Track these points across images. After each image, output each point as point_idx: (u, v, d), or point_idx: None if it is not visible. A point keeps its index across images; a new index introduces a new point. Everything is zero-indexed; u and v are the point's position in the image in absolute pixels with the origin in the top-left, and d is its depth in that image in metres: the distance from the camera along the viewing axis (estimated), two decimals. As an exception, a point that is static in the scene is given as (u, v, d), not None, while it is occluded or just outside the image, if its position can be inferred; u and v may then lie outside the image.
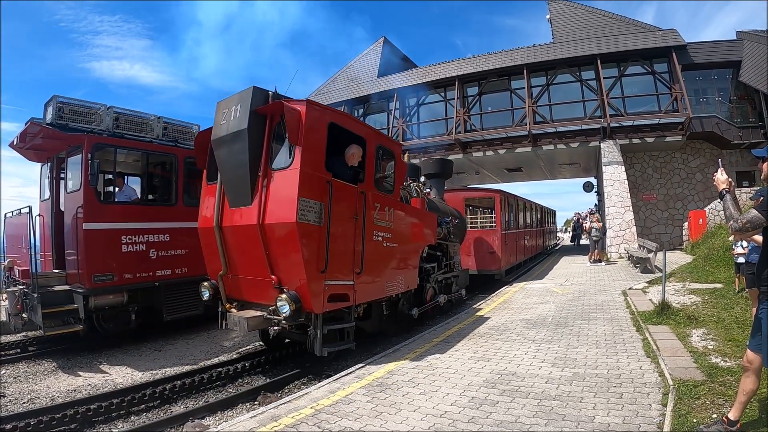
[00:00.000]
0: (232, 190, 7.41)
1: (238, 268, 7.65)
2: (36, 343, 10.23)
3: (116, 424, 6.41)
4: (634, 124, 23.66)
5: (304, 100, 7.02)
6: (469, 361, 6.95)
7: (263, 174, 7.01)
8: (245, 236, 7.18)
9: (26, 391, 7.58)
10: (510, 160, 28.25)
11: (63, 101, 9.19)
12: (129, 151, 10.34)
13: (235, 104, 7.15)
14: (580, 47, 24.18)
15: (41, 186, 11.47)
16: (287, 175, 6.75)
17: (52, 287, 9.43)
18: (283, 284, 6.92)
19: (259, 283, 7.34)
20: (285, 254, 6.81)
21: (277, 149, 7.28)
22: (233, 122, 7.11)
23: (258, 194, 6.98)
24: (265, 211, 6.85)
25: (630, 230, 22.80)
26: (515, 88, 25.91)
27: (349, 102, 30.44)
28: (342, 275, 7.29)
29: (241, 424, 4.99)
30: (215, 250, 7.78)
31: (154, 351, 9.92)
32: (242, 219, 7.22)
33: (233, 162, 7.27)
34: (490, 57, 26.23)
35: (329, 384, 6.22)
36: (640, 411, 4.82)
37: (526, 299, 12.35)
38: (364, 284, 7.81)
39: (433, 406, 5.25)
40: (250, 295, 7.66)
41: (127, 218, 9.71)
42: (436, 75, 27.36)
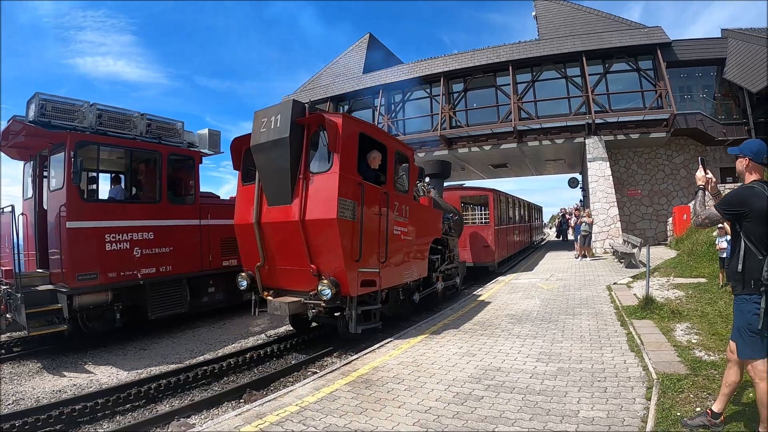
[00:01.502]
0: (272, 191, 8.52)
1: (276, 260, 8.82)
2: (20, 344, 10.11)
3: (102, 424, 6.36)
4: (618, 121, 23.76)
5: (340, 113, 8.71)
6: (454, 357, 6.97)
7: (303, 177, 8.10)
8: (285, 231, 8.30)
9: (11, 393, 7.51)
10: (495, 156, 28.35)
11: (45, 98, 9.07)
12: (112, 148, 10.26)
13: (275, 114, 8.17)
14: (566, 44, 24.26)
15: (24, 184, 11.35)
16: (327, 177, 7.89)
17: (36, 287, 9.31)
18: (321, 272, 8.06)
19: (296, 272, 8.53)
20: (325, 246, 7.93)
21: (312, 155, 8.38)
22: (274, 131, 8.12)
23: (299, 194, 8.08)
24: (306, 209, 7.95)
25: (615, 226, 22.97)
26: (501, 85, 25.98)
27: (335, 98, 30.41)
28: (371, 264, 8.52)
29: (227, 423, 4.97)
30: (253, 244, 8.92)
31: (140, 350, 9.85)
32: (282, 216, 8.34)
33: (274, 166, 8.33)
34: (475, 53, 26.28)
35: (314, 381, 6.21)
36: (624, 405, 4.84)
37: (512, 294, 12.39)
38: (388, 272, 9.07)
39: (418, 402, 5.25)
40: (286, 283, 8.85)
41: (110, 216, 9.62)
42: (422, 71, 27.31)
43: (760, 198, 3.84)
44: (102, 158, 10.30)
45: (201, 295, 11.66)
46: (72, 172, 8.87)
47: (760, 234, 3.83)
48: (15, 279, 8.83)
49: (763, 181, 4.00)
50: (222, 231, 11.99)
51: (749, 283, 3.88)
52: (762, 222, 3.80)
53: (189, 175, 11.55)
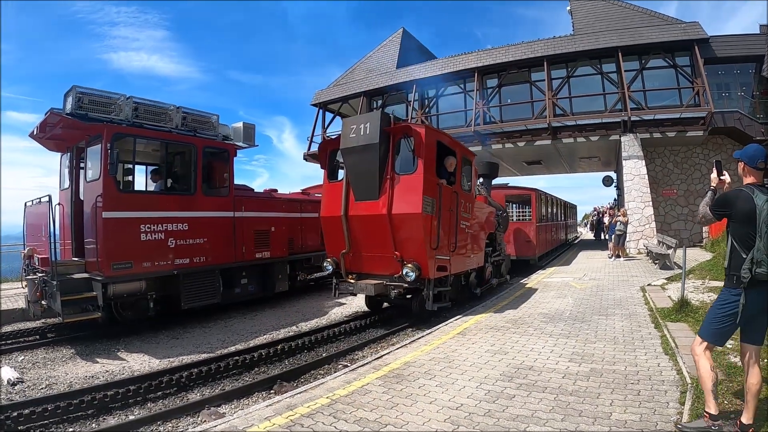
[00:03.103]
0: (360, 188, 10.08)
1: (361, 247, 10.37)
2: (54, 330, 10.31)
3: (133, 410, 6.44)
4: (655, 118, 23.24)
5: (423, 124, 10.76)
6: (485, 354, 6.92)
7: (390, 177, 9.69)
8: (372, 222, 9.87)
9: (44, 377, 7.66)
10: (529, 152, 28.01)
11: (82, 91, 9.20)
12: (148, 140, 10.40)
13: (364, 123, 9.76)
14: (601, 39, 23.74)
15: (61, 175, 11.56)
16: (413, 178, 9.49)
17: (72, 275, 9.49)
18: (404, 258, 9.63)
19: (380, 258, 10.14)
20: (409, 236, 9.51)
21: (395, 158, 9.84)
22: (363, 136, 9.67)
23: (385, 191, 9.68)
24: (393, 204, 9.54)
25: (649, 226, 22.59)
26: (535, 80, 25.60)
27: (368, 93, 30.38)
28: (444, 252, 10.13)
29: (257, 413, 5.00)
30: (340, 234, 10.41)
31: (172, 339, 9.99)
32: (370, 209, 9.90)
33: (363, 167, 9.91)
34: (510, 48, 25.87)
35: (345, 374, 6.23)
36: (657, 409, 4.77)
37: (544, 293, 12.31)
38: (456, 259, 10.73)
39: (449, 399, 5.23)
40: (369, 268, 10.45)
41: (145, 207, 9.77)
42: (456, 66, 27.02)
43: (744, 201, 4.05)
44: (138, 150, 10.44)
45: (233, 286, 11.77)
46: (108, 163, 9.02)
47: (742, 234, 4.06)
48: (51, 267, 8.99)
49: (755, 185, 4.16)
50: (255, 223, 12.15)
51: (732, 278, 4.11)
52: (744, 223, 4.04)
53: (224, 167, 11.64)
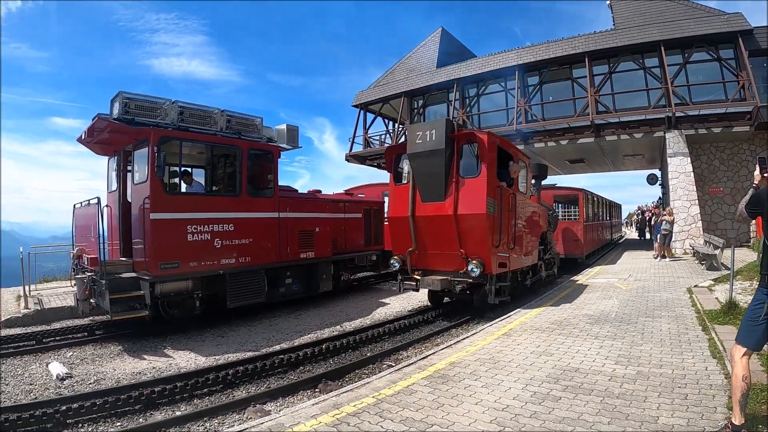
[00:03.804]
0: (426, 190, 10.85)
1: (427, 246, 11.09)
2: (102, 327, 10.57)
3: (180, 406, 6.55)
4: (699, 114, 22.57)
5: (485, 130, 11.12)
6: (531, 356, 6.87)
7: (455, 180, 10.44)
8: (439, 222, 10.61)
9: (92, 373, 7.85)
10: (572, 151, 27.63)
11: (129, 97, 9.41)
12: (194, 143, 10.60)
13: (430, 129, 10.52)
14: (643, 33, 23.13)
15: (108, 178, 11.85)
16: (477, 181, 10.22)
17: (120, 274, 9.73)
18: (468, 255, 10.31)
19: (445, 255, 10.83)
20: (474, 234, 10.22)
21: (459, 162, 10.57)
22: (430, 142, 10.44)
23: (451, 193, 10.42)
24: (459, 205, 10.29)
25: (696, 225, 22.06)
26: (577, 77, 25.20)
27: (409, 93, 30.37)
28: (505, 249, 10.81)
29: (303, 411, 5.05)
30: (407, 233, 11.15)
31: (217, 337, 10.14)
32: (436, 210, 10.66)
33: (429, 170, 10.68)
34: (550, 45, 25.50)
35: (391, 374, 6.25)
36: (705, 414, 4.68)
37: (589, 294, 12.15)
38: (514, 257, 11.43)
39: (495, 400, 5.20)
40: (435, 265, 11.16)
41: (192, 208, 9.95)
42: (496, 64, 26.75)
43: None
44: (184, 153, 10.63)
45: (278, 285, 11.90)
46: (155, 166, 9.24)
47: None
48: (100, 267, 9.23)
49: None
50: (300, 224, 12.30)
51: (764, 278, 4.05)
52: None
53: (268, 169, 11.76)
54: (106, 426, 5.96)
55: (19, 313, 11.43)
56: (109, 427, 5.94)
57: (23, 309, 11.81)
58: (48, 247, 16.84)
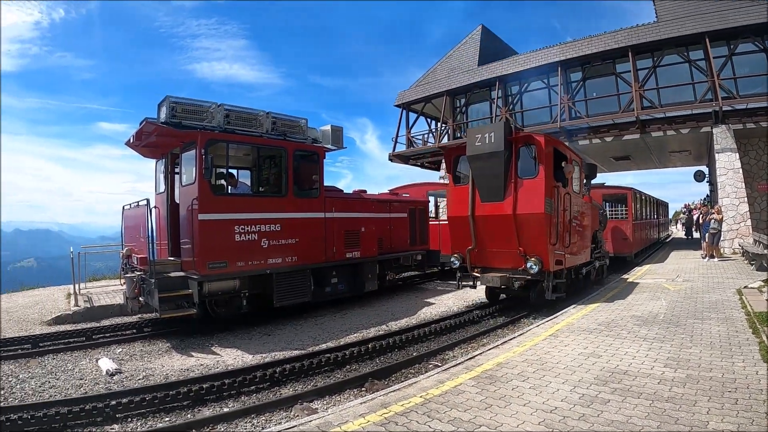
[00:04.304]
0: (485, 191, 11.26)
1: (486, 244, 11.54)
2: (150, 325, 10.80)
3: (227, 403, 6.65)
4: (747, 108, 21.78)
5: (542, 133, 11.53)
6: (579, 357, 6.78)
7: (514, 181, 10.86)
8: (498, 221, 11.03)
9: (141, 369, 8.05)
10: (617, 148, 27.19)
11: (175, 101, 9.62)
12: (240, 145, 10.75)
13: (488, 132, 10.91)
14: (686, 25, 22.35)
15: (156, 180, 12.17)
16: (535, 182, 10.63)
17: (168, 273, 9.94)
18: (527, 253, 10.71)
19: (504, 253, 11.27)
20: (532, 233, 10.64)
21: (517, 163, 10.98)
22: (489, 145, 10.83)
23: (510, 193, 10.84)
24: (518, 205, 10.71)
25: (745, 224, 21.41)
26: (620, 72, 24.69)
27: (451, 92, 30.25)
28: (561, 247, 11.16)
29: (351, 410, 5.08)
30: (467, 232, 11.62)
31: (264, 335, 10.26)
32: (496, 210, 11.08)
33: (489, 171, 11.09)
34: (592, 39, 25.01)
35: (438, 374, 6.23)
36: (756, 419, 4.56)
37: (637, 295, 11.92)
38: (569, 254, 11.71)
39: (543, 402, 5.15)
40: (494, 262, 11.62)
41: (239, 209, 10.11)
42: (538, 61, 26.43)
43: None
44: (231, 155, 10.75)
45: (324, 285, 11.99)
46: (203, 168, 9.42)
47: None
48: (149, 266, 9.44)
49: None
50: (346, 224, 12.39)
51: None
52: None
53: (313, 169, 11.85)
54: (154, 421, 6.08)
55: (69, 311, 11.82)
56: (157, 422, 6.06)
57: (73, 306, 12.20)
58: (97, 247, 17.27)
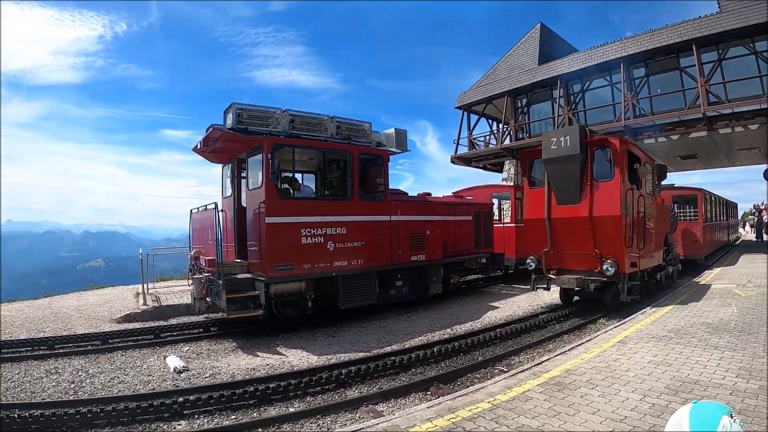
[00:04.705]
0: (562, 193, 11.44)
1: (562, 246, 11.71)
2: (217, 325, 11.08)
3: (293, 403, 6.72)
4: (820, 101, 20.60)
5: (617, 136, 11.79)
6: (648, 365, 6.61)
7: (589, 183, 11.01)
8: (574, 224, 11.23)
9: (208, 367, 8.25)
10: (683, 146, 26.31)
11: (241, 107, 9.84)
12: (305, 149, 10.93)
13: (564, 135, 11.12)
14: (750, 15, 20.84)
15: (223, 184, 12.47)
16: (611, 184, 10.79)
17: (235, 275, 10.19)
18: (602, 255, 10.84)
19: (579, 255, 11.41)
20: (608, 235, 10.77)
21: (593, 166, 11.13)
22: (564, 148, 11.03)
23: (586, 196, 11.00)
24: (594, 207, 10.86)
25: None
26: (685, 66, 23.56)
27: (512, 92, 29.80)
28: (635, 249, 11.17)
29: (419, 413, 5.07)
30: (543, 234, 11.87)
31: (329, 337, 10.37)
32: (572, 212, 11.28)
33: (564, 174, 11.27)
34: (654, 34, 23.85)
35: (505, 380, 6.17)
36: None
37: (707, 301, 11.54)
38: (643, 257, 11.71)
39: (612, 410, 5.05)
40: (570, 264, 11.74)
41: (306, 212, 10.27)
42: (600, 57, 25.50)
43: None
44: (296, 159, 10.99)
45: (389, 288, 12.05)
46: (270, 172, 9.63)
47: None
48: (217, 268, 9.68)
49: None
50: (411, 227, 12.43)
51: None
52: None
53: (378, 172, 11.93)
54: (221, 418, 6.21)
55: (138, 309, 12.25)
56: (224, 419, 6.18)
57: (142, 305, 12.65)
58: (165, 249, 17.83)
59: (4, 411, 6.06)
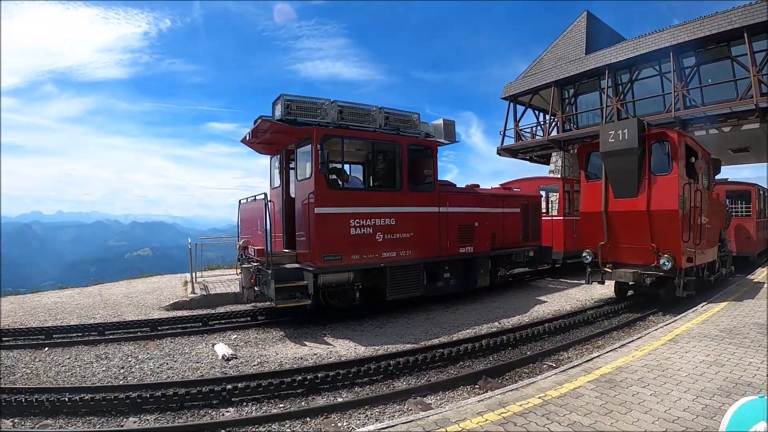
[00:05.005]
0: (619, 187, 11.46)
1: (619, 240, 11.74)
2: (264, 314, 11.26)
3: (341, 393, 6.78)
4: None
5: (675, 130, 11.72)
6: (700, 365, 6.49)
7: (647, 177, 11.00)
8: (632, 217, 11.25)
9: (256, 355, 8.38)
10: (735, 138, 25.36)
11: (290, 99, 9.92)
12: (354, 140, 10.96)
13: (622, 129, 11.13)
14: None
15: (271, 175, 12.62)
16: (669, 178, 10.79)
17: (284, 265, 10.33)
18: (659, 249, 10.87)
19: (635, 249, 11.47)
20: (666, 229, 10.80)
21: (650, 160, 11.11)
22: (622, 141, 11.07)
23: (644, 190, 11.01)
24: (652, 201, 10.86)
25: None
26: (737, 55, 22.76)
27: (559, 82, 29.29)
28: (692, 245, 11.25)
29: (469, 407, 5.07)
30: (600, 228, 11.87)
31: (376, 328, 10.43)
32: (629, 206, 11.29)
33: (622, 168, 11.31)
34: (704, 21, 23.01)
35: (556, 375, 6.13)
36: None
37: (759, 300, 11.23)
38: (699, 252, 11.72)
39: (664, 410, 4.97)
40: (625, 258, 11.77)
41: (355, 203, 10.32)
42: (648, 46, 24.74)
43: None
44: (345, 150, 11.01)
45: (436, 280, 12.04)
46: (320, 163, 9.70)
47: None
48: (266, 257, 9.82)
49: None
50: (460, 218, 12.39)
51: None
52: None
53: (427, 164, 11.90)
54: (269, 406, 6.28)
55: (186, 297, 12.52)
56: (272, 407, 6.25)
57: (190, 293, 12.90)
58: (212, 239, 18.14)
59: (54, 395, 6.24)
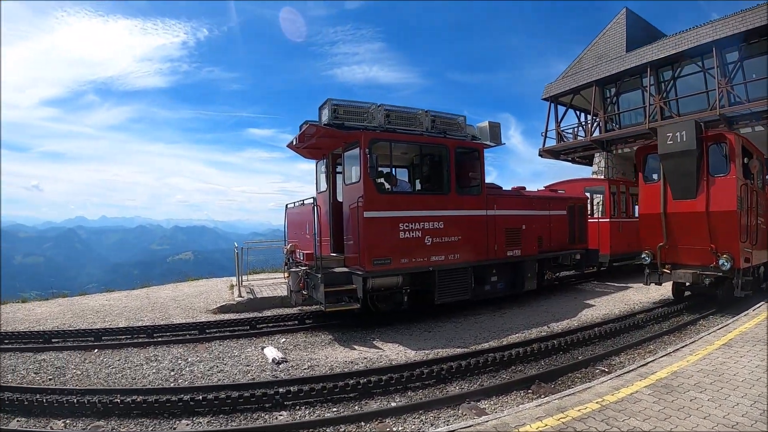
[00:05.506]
0: (678, 188, 11.55)
1: (677, 241, 11.86)
2: (312, 317, 11.37)
3: (393, 397, 6.77)
4: None
5: (733, 131, 12.23)
6: (757, 370, 6.36)
7: (706, 178, 11.08)
8: (691, 219, 11.37)
9: (306, 359, 8.44)
10: (783, 136, 24.67)
11: (337, 103, 10.02)
12: (400, 144, 10.97)
13: (680, 130, 11.17)
14: None
15: (317, 180, 12.74)
16: (727, 179, 10.85)
17: (332, 269, 10.41)
18: (718, 250, 10.95)
19: (694, 250, 11.55)
20: (724, 230, 10.88)
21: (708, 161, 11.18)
22: (680, 143, 11.14)
23: (702, 191, 11.09)
24: (711, 202, 10.94)
25: None
26: None
27: (600, 81, 28.78)
28: (749, 245, 11.27)
29: (528, 412, 5.06)
30: (658, 229, 12.03)
31: (424, 332, 10.42)
32: (688, 207, 11.38)
33: (681, 169, 11.41)
34: (746, 15, 22.10)
35: (612, 380, 6.07)
36: None
37: None
38: (755, 253, 11.72)
39: (723, 416, 4.91)
40: (684, 259, 11.85)
41: (403, 207, 10.34)
42: (691, 42, 24.02)
43: None
44: (393, 154, 11.05)
45: (484, 283, 12.00)
46: (368, 167, 9.74)
47: None
48: (315, 261, 9.91)
49: None
50: (507, 221, 12.33)
51: None
52: None
53: (474, 167, 11.88)
54: (322, 410, 6.31)
55: (233, 301, 12.71)
56: (325, 411, 6.28)
57: (237, 297, 13.09)
58: (258, 243, 18.38)
59: (106, 396, 6.40)
